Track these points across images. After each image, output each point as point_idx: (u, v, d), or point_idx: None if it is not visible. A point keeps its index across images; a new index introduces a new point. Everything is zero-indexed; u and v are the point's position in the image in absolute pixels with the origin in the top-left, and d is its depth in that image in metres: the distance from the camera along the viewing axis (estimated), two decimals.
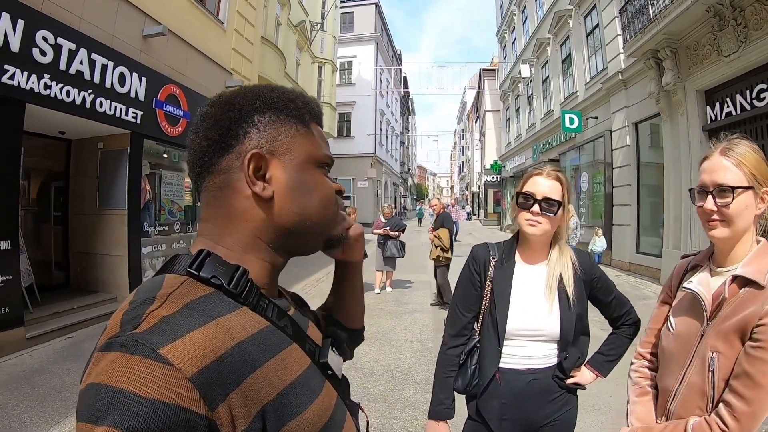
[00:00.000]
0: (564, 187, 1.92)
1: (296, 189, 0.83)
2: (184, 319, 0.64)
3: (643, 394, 1.71)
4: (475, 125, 55.89)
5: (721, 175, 1.43)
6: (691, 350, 1.48)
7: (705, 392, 1.41)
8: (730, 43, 8.81)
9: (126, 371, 0.57)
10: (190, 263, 0.74)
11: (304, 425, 0.72)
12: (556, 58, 20.60)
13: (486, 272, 2.02)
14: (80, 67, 6.64)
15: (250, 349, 0.68)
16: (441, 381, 2.03)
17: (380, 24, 38.21)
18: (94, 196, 8.41)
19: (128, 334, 0.61)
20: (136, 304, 0.67)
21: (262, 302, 0.77)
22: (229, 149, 0.80)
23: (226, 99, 0.84)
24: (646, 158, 13.36)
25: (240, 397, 0.63)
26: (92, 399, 0.57)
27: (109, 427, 0.54)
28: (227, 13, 11.44)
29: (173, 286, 0.70)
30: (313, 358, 0.83)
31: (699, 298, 1.49)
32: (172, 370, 0.58)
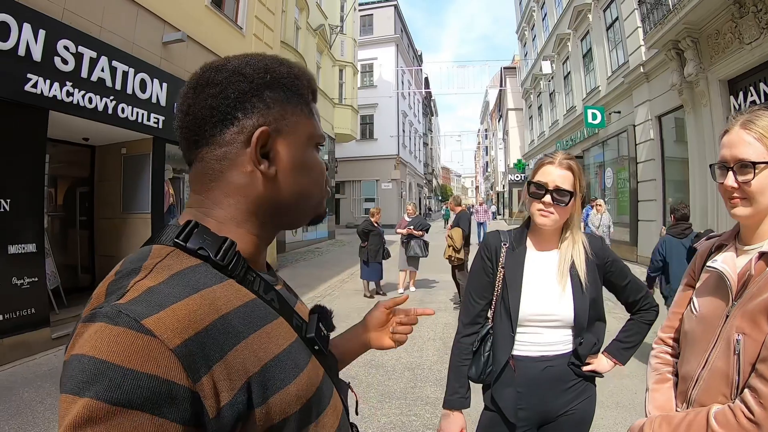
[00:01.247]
0: (576, 176, 1.90)
1: (298, 168, 0.84)
2: (168, 290, 0.64)
3: (663, 380, 1.62)
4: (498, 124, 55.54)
5: (742, 149, 1.34)
6: (715, 332, 1.37)
7: (729, 377, 1.30)
8: (751, 30, 8.58)
9: (109, 342, 0.57)
10: (177, 234, 0.73)
11: (289, 398, 0.72)
12: (577, 54, 20.32)
13: (498, 259, 2.01)
14: (102, 74, 6.83)
15: (235, 321, 0.68)
16: (455, 369, 2.01)
17: (400, 25, 38.23)
18: (119, 201, 8.62)
19: (112, 304, 0.61)
20: (121, 275, 0.68)
21: (249, 275, 0.77)
22: (234, 122, 0.78)
23: (234, 67, 0.81)
24: (670, 152, 13.07)
25: (224, 369, 0.63)
26: (75, 370, 0.57)
27: (91, 399, 0.54)
28: (246, 19, 11.61)
29: (159, 256, 0.70)
30: (299, 332, 0.83)
31: (724, 276, 1.40)
32: (155, 341, 0.58)
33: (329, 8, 21.96)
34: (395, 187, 34.30)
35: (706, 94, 10.40)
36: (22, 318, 5.76)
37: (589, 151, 19.15)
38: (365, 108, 32.71)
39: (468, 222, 9.21)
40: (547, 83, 26.15)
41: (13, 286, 5.67)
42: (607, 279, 2.02)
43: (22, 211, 5.82)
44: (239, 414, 0.65)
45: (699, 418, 1.30)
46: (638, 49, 13.72)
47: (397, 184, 34.50)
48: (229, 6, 11.14)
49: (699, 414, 1.31)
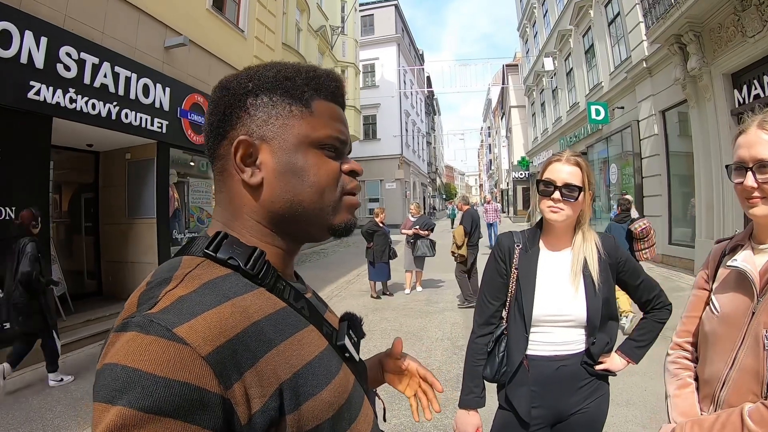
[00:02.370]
0: (584, 172, 1.91)
1: (285, 174, 0.80)
2: (200, 299, 0.64)
3: (684, 386, 1.59)
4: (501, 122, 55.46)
5: (760, 149, 1.33)
6: (741, 330, 1.36)
7: (760, 374, 1.29)
8: (754, 23, 8.53)
9: (141, 351, 0.58)
10: (207, 244, 0.74)
11: (321, 405, 0.72)
12: (579, 50, 20.25)
13: (511, 260, 2.02)
14: (104, 80, 6.87)
15: (266, 328, 0.69)
16: (470, 370, 2.04)
17: (401, 25, 38.22)
18: (124, 206, 8.67)
19: (144, 314, 0.62)
20: (152, 285, 0.68)
21: (279, 284, 0.77)
22: (225, 135, 0.80)
23: (222, 83, 0.83)
24: (675, 147, 13.02)
25: (255, 376, 0.64)
26: (108, 379, 0.58)
27: (124, 407, 0.55)
28: (247, 21, 11.65)
29: (190, 266, 0.71)
30: (330, 340, 0.83)
31: (747, 274, 1.39)
32: (187, 349, 0.58)
33: (330, 9, 21.99)
34: (399, 186, 34.29)
35: (709, 88, 10.35)
36: None
37: (593, 148, 19.08)
38: (368, 108, 32.72)
39: (470, 219, 9.25)
40: (550, 80, 26.16)
41: None
42: (620, 278, 2.02)
43: None
44: (271, 420, 0.65)
45: (732, 418, 1.28)
46: (640, 44, 13.66)
47: (401, 184, 34.49)
48: (231, 9, 11.18)
49: (732, 414, 1.29)
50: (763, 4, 8.20)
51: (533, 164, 33.83)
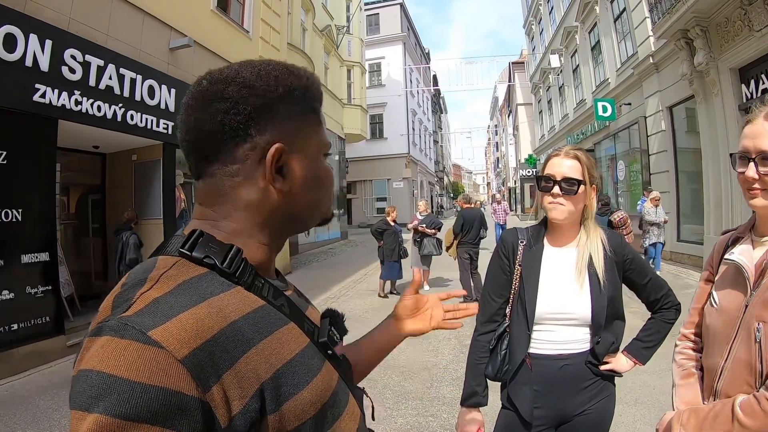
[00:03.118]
0: (584, 165, 1.88)
1: (311, 181, 0.83)
2: (175, 300, 0.63)
3: (688, 375, 1.63)
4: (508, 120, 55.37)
5: (764, 141, 1.33)
6: (735, 323, 1.40)
7: (753, 366, 1.32)
8: (760, 16, 8.46)
9: (116, 356, 0.56)
10: (182, 243, 0.72)
11: (303, 404, 0.71)
12: (585, 46, 20.18)
13: (515, 256, 2.00)
14: (109, 82, 6.89)
15: (244, 328, 0.67)
16: (472, 368, 2.00)
17: (406, 23, 38.22)
18: (130, 207, 8.66)
19: (118, 317, 0.60)
20: (127, 287, 0.67)
21: (257, 281, 0.76)
22: (247, 138, 0.76)
23: (244, 80, 0.77)
24: (682, 143, 12.96)
25: (234, 378, 0.62)
26: (83, 386, 0.56)
27: (100, 414, 0.54)
28: (252, 22, 11.66)
29: (165, 266, 0.69)
30: (311, 337, 0.81)
31: (741, 268, 1.42)
32: (163, 353, 0.57)
33: (335, 9, 22.00)
34: (406, 185, 34.31)
35: (717, 83, 10.29)
36: (36, 326, 5.82)
37: (600, 144, 19.02)
38: (374, 107, 32.75)
39: (461, 220, 9.35)
40: (556, 77, 26.05)
41: (27, 294, 5.73)
42: (626, 277, 1.98)
43: (34, 221, 5.88)
44: (252, 421, 0.64)
45: (725, 408, 1.32)
46: (647, 39, 13.60)
47: (408, 183, 34.51)
48: (235, 10, 11.19)
49: (725, 405, 1.33)
50: None
51: (540, 162, 33.64)
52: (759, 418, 1.24)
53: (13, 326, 5.52)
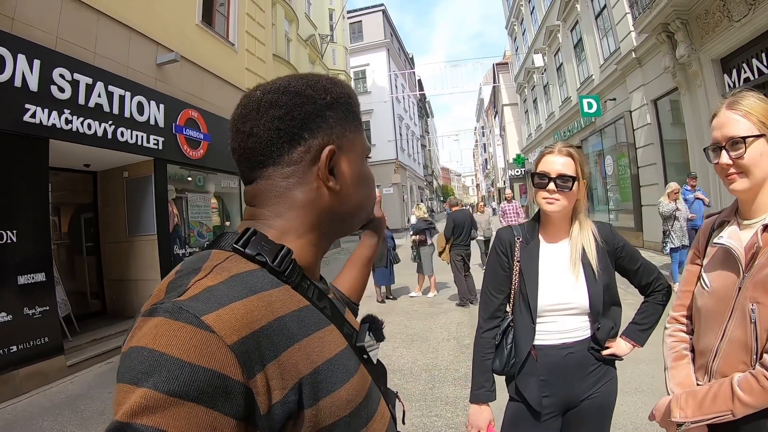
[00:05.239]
0: (577, 162, 1.94)
1: (359, 182, 0.89)
2: (227, 290, 0.66)
3: (680, 358, 1.68)
4: (495, 121, 55.50)
5: (731, 128, 1.44)
6: (729, 305, 1.45)
7: (748, 345, 1.38)
8: (739, 6, 8.59)
9: (169, 336, 0.59)
10: (236, 240, 0.76)
11: (339, 402, 0.73)
12: (568, 44, 20.31)
13: (512, 253, 2.05)
14: (99, 100, 6.91)
15: (290, 324, 0.70)
16: (479, 364, 2.05)
17: (389, 29, 38.39)
18: (124, 224, 8.68)
19: (173, 301, 0.63)
20: (181, 274, 0.70)
21: (303, 282, 0.79)
22: (301, 141, 0.81)
23: (297, 89, 0.83)
24: (668, 135, 13.07)
25: (277, 369, 0.65)
26: (134, 361, 0.59)
27: (149, 389, 0.56)
28: (237, 35, 11.73)
29: (219, 259, 0.72)
30: (349, 341, 0.85)
31: (732, 251, 1.48)
32: (214, 337, 0.60)
33: (318, 18, 22.07)
34: (396, 191, 34.34)
35: (699, 75, 10.41)
36: (36, 347, 5.79)
37: (587, 141, 19.09)
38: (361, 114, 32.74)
39: (452, 223, 9.42)
40: (541, 76, 26.19)
41: (25, 316, 5.71)
42: (618, 264, 2.06)
43: (29, 241, 5.86)
44: (290, 412, 0.67)
45: (723, 388, 1.39)
46: (628, 35, 13.72)
47: (398, 188, 34.54)
48: (220, 23, 11.24)
49: (723, 385, 1.40)
50: None
51: (529, 161, 33.84)
52: (758, 395, 1.31)
53: (12, 348, 5.49)
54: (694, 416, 1.45)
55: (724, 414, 1.38)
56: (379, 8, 36.76)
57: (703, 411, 1.43)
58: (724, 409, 1.38)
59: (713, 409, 1.41)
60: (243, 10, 12.00)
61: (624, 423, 3.91)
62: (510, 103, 40.54)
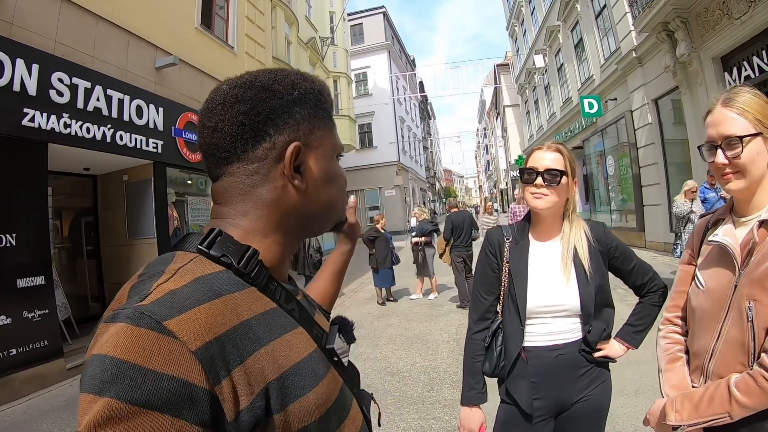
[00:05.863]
0: (565, 158, 1.93)
1: (326, 180, 0.87)
2: (190, 293, 0.64)
3: (675, 360, 1.64)
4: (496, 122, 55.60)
5: (726, 126, 1.40)
6: (725, 303, 1.42)
7: (745, 344, 1.34)
8: (739, 4, 8.58)
9: (130, 343, 0.57)
10: (201, 241, 0.74)
11: (308, 407, 0.72)
12: (569, 45, 20.32)
13: (502, 254, 2.03)
14: (97, 104, 6.92)
15: (256, 327, 0.69)
16: (469, 366, 2.03)
17: (390, 32, 38.40)
18: (124, 228, 8.70)
19: (135, 306, 0.61)
20: (144, 278, 0.68)
21: (270, 284, 0.78)
22: (266, 137, 0.79)
23: (263, 84, 0.82)
24: (669, 135, 13.05)
25: (243, 374, 0.64)
26: (96, 370, 0.57)
27: (112, 398, 0.55)
28: (236, 38, 11.73)
29: (183, 261, 0.70)
30: (319, 343, 0.83)
31: (727, 248, 1.45)
32: (177, 343, 0.58)
33: (318, 21, 22.09)
34: (398, 193, 34.27)
35: (700, 73, 10.40)
36: (35, 351, 5.79)
37: (588, 141, 19.08)
38: (362, 117, 32.77)
39: (450, 224, 9.40)
40: (542, 77, 26.18)
41: (24, 319, 5.71)
42: (612, 264, 2.02)
43: (28, 245, 5.87)
44: (257, 419, 0.65)
45: (720, 390, 1.35)
46: (629, 34, 13.72)
47: (400, 190, 34.48)
48: (219, 26, 11.26)
49: (719, 386, 1.36)
50: None
51: None
52: (757, 396, 1.26)
53: (11, 351, 5.49)
54: (690, 419, 1.41)
55: (721, 416, 1.35)
56: (380, 10, 36.77)
57: (699, 413, 1.39)
58: (721, 411, 1.34)
59: (710, 412, 1.37)
60: (242, 13, 12.01)
61: (624, 425, 3.88)
62: (511, 104, 40.59)
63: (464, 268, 9.17)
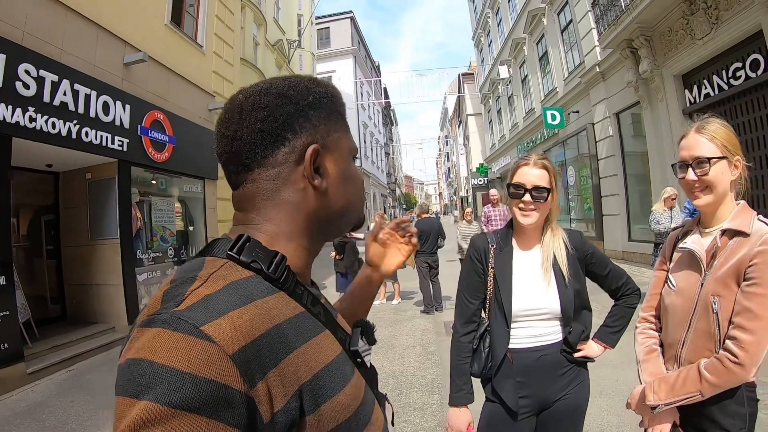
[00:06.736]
0: (551, 174, 2.04)
1: (345, 181, 0.89)
2: (225, 298, 0.65)
3: (651, 351, 1.88)
4: (459, 130, 56.16)
5: (697, 149, 1.67)
6: (694, 300, 1.68)
7: (712, 333, 1.61)
8: (702, 25, 8.96)
9: (168, 347, 0.58)
10: (230, 246, 0.75)
11: (338, 408, 0.73)
12: (533, 57, 20.78)
13: (487, 260, 2.13)
14: (64, 98, 6.66)
15: (287, 331, 0.69)
16: (457, 368, 2.10)
17: (357, 37, 38.50)
18: (86, 227, 8.39)
19: (171, 311, 0.62)
20: (176, 283, 0.69)
21: (297, 288, 0.79)
22: (285, 142, 0.81)
23: (278, 91, 0.84)
24: (629, 147, 13.50)
25: (278, 377, 0.65)
26: (133, 373, 0.58)
27: (150, 402, 0.55)
28: (205, 37, 11.53)
29: (214, 267, 0.71)
30: (343, 345, 0.85)
31: (694, 253, 1.71)
32: (214, 347, 0.59)
33: (286, 23, 21.98)
34: None
35: (661, 89, 10.80)
36: None
37: (550, 152, 19.49)
38: None
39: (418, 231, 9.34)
40: (505, 87, 26.65)
41: None
42: (589, 270, 2.16)
43: None
44: (292, 420, 0.66)
45: (692, 372, 1.62)
46: (593, 49, 14.13)
47: None
48: (189, 24, 11.04)
49: (691, 369, 1.63)
50: (710, 7, 8.63)
51: (492, 170, 34.32)
52: (723, 375, 1.54)
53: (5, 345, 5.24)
54: (667, 398, 1.66)
55: (693, 394, 1.60)
56: (348, 15, 36.88)
57: (674, 393, 1.64)
58: (694, 390, 1.60)
59: (684, 391, 1.62)
60: (212, 12, 11.82)
61: (590, 425, 3.98)
62: (474, 112, 41.05)
63: (429, 273, 9.21)
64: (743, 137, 8.27)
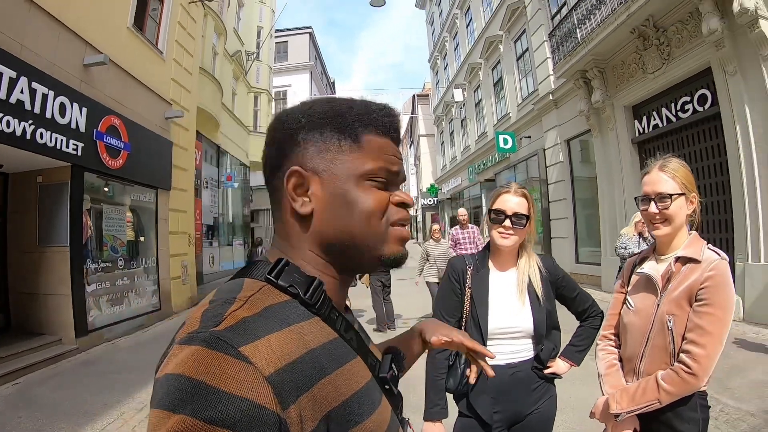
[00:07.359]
0: (530, 202, 2.19)
1: (334, 204, 0.82)
2: (263, 322, 0.67)
3: (611, 366, 2.06)
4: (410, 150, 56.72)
5: (660, 185, 1.86)
6: (650, 319, 1.87)
7: (667, 348, 1.80)
8: (654, 60, 9.46)
9: (206, 365, 0.60)
10: (269, 270, 0.77)
11: None
12: (488, 82, 21.28)
13: (464, 280, 2.24)
14: (21, 96, 6.38)
15: (321, 357, 0.71)
16: (432, 384, 2.17)
17: (314, 53, 38.49)
18: (34, 233, 7.97)
19: (210, 330, 0.64)
20: (216, 304, 0.71)
21: (332, 314, 0.80)
22: (279, 168, 0.84)
23: (279, 117, 0.87)
24: (579, 173, 14.01)
25: (310, 401, 0.66)
26: (171, 388, 0.60)
27: (186, 416, 0.57)
28: (166, 43, 11.31)
29: (253, 289, 0.73)
30: (373, 372, 0.86)
31: (651, 277, 1.91)
32: (251, 368, 0.61)
33: (246, 35, 21.81)
34: None
35: (612, 119, 11.30)
36: None
37: (500, 175, 19.94)
38: None
39: None
40: (459, 110, 27.09)
41: None
42: (559, 293, 2.31)
43: None
44: None
45: (650, 383, 1.79)
46: (547, 78, 14.62)
47: None
48: (151, 29, 10.80)
49: (649, 380, 1.80)
50: (663, 44, 9.13)
51: (442, 191, 34.75)
52: (678, 385, 1.72)
53: None
54: (629, 407, 1.83)
55: (652, 403, 1.77)
56: (307, 30, 36.85)
57: (635, 402, 1.81)
58: (653, 398, 1.77)
59: (644, 400, 1.79)
60: (175, 18, 11.61)
61: None
62: (427, 133, 41.56)
63: (382, 291, 9.18)
64: (689, 166, 8.68)
